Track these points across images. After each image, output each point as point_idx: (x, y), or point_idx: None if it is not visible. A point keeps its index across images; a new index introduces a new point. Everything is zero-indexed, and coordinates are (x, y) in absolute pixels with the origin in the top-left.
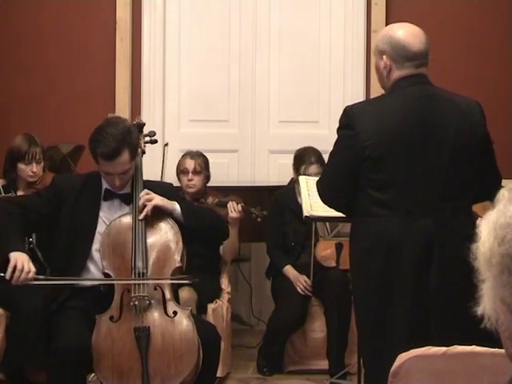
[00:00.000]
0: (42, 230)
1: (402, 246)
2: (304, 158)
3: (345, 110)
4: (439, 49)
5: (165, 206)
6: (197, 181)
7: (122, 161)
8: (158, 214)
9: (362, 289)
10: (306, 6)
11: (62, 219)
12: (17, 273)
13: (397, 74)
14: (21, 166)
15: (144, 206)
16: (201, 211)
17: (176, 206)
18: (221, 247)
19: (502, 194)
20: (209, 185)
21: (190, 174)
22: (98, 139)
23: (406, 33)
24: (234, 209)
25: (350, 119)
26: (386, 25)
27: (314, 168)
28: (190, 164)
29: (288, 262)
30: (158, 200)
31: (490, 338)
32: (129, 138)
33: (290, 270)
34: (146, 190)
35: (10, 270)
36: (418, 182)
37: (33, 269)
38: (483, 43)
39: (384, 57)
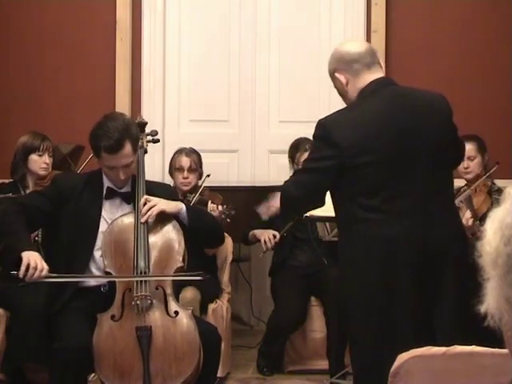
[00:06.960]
0: (45, 229)
1: (397, 246)
2: (299, 146)
3: (319, 123)
4: (439, 48)
5: (170, 210)
6: (192, 178)
7: (125, 153)
8: (161, 213)
9: (361, 295)
10: (306, 5)
11: (64, 219)
12: (30, 271)
13: (357, 81)
14: (34, 157)
15: (147, 210)
16: (203, 214)
17: (181, 206)
18: None
19: (508, 192)
20: (209, 185)
21: (186, 172)
22: (99, 134)
23: (342, 43)
24: (212, 209)
25: (327, 132)
26: (386, 25)
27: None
28: (185, 162)
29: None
30: (162, 205)
31: (489, 338)
32: (130, 130)
33: (256, 231)
34: (146, 197)
35: (23, 268)
36: (404, 183)
37: (45, 267)
38: (483, 43)
39: (336, 74)
